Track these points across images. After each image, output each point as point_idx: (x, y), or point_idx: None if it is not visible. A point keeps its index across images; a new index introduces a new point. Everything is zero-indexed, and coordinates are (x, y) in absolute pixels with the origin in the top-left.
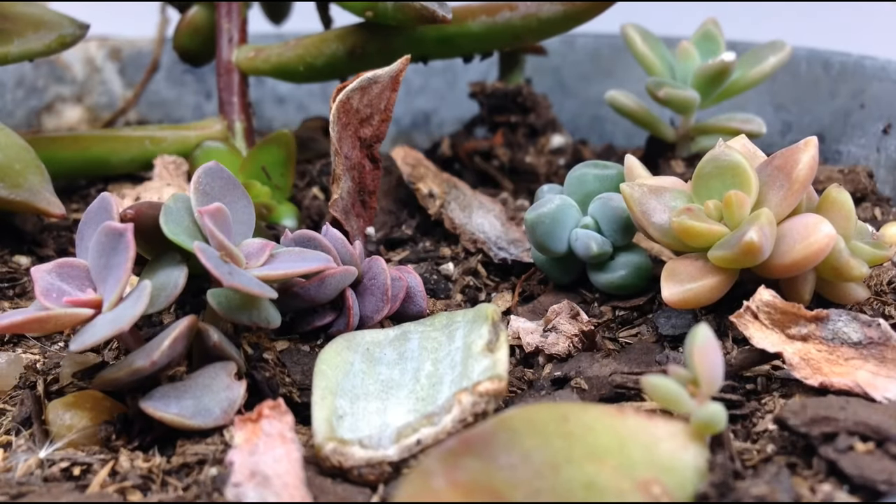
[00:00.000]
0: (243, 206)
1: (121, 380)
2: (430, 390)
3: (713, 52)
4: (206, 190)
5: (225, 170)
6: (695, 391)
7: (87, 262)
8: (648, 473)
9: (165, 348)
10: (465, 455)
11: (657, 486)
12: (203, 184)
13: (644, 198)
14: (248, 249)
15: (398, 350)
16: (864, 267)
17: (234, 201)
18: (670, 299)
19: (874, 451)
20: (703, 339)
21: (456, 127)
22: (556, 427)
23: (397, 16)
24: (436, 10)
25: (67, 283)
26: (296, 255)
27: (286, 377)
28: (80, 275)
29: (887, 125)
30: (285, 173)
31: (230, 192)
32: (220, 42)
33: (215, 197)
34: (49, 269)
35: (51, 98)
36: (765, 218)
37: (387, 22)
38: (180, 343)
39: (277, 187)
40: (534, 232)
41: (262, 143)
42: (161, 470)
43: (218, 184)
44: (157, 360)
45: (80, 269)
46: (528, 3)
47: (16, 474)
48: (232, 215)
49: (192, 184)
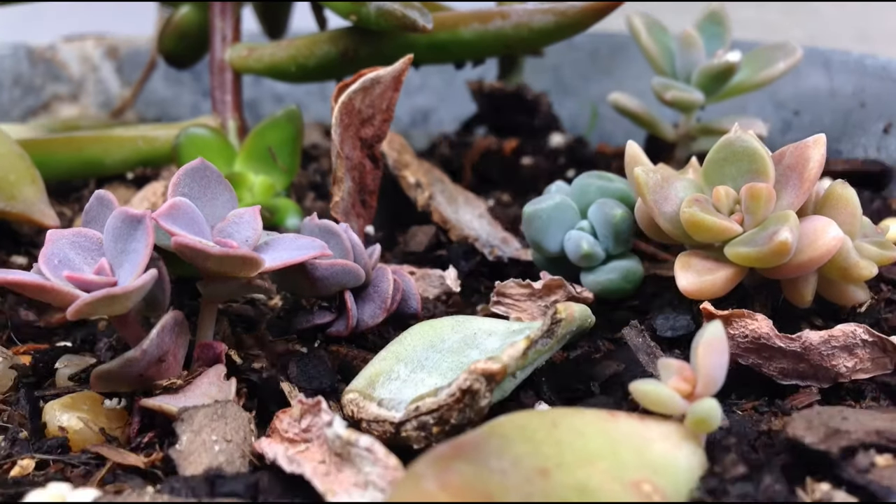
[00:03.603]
0: (225, 201)
1: (113, 371)
2: (456, 373)
3: (719, 36)
4: (185, 191)
5: (209, 165)
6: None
7: (101, 236)
8: (640, 474)
9: (154, 337)
10: (457, 459)
11: (648, 485)
12: (182, 185)
13: (658, 185)
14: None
15: (472, 342)
16: (872, 267)
17: (215, 197)
18: (688, 288)
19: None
20: (712, 335)
21: (455, 126)
22: (547, 434)
23: (380, 22)
24: (416, 20)
25: (77, 254)
26: (290, 242)
27: (286, 378)
28: (93, 247)
29: (887, 124)
30: (293, 152)
31: (210, 188)
32: (213, 41)
33: (193, 196)
34: (65, 236)
35: (48, 97)
36: (793, 220)
37: (370, 27)
38: (167, 334)
39: (284, 169)
40: (530, 226)
41: (269, 121)
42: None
43: (198, 184)
44: (146, 348)
45: (95, 242)
46: (521, 13)
47: (12, 474)
48: (213, 211)
49: (171, 187)
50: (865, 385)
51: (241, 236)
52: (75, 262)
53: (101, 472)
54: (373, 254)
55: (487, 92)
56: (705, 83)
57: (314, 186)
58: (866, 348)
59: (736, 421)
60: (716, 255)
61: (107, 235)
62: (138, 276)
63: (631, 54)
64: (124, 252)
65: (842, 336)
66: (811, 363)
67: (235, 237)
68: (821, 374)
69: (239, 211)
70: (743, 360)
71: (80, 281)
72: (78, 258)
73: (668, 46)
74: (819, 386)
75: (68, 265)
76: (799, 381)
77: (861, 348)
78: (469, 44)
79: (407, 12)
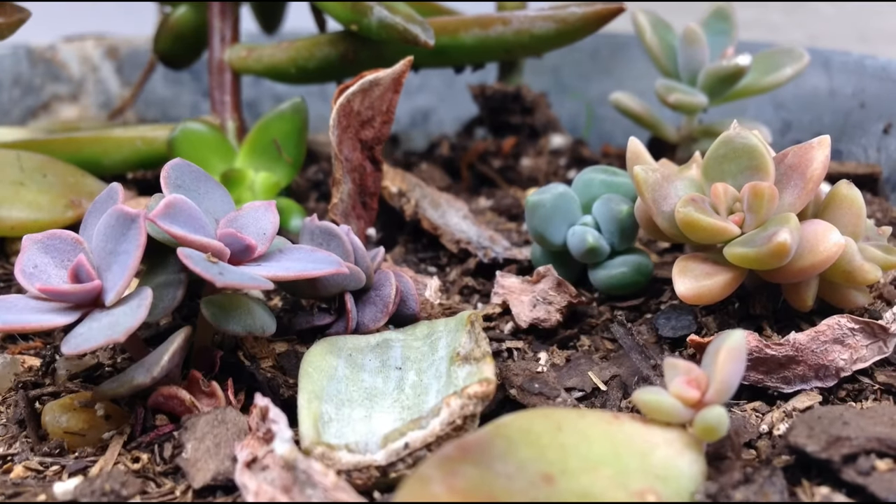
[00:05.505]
0: (220, 196)
1: (122, 395)
2: (415, 399)
3: (726, 33)
4: (178, 183)
5: (191, 163)
6: (695, 395)
7: (78, 236)
8: (643, 482)
9: (165, 363)
10: (463, 462)
11: (652, 495)
12: (173, 178)
13: (658, 185)
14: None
15: (380, 358)
16: (876, 271)
17: (209, 191)
18: (685, 294)
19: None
20: (735, 342)
21: (455, 126)
22: (551, 438)
23: (381, 34)
24: (418, 35)
25: (52, 258)
26: (306, 254)
27: (286, 379)
28: (67, 248)
29: (887, 125)
30: (299, 144)
31: (202, 182)
32: (212, 41)
33: (188, 190)
34: (38, 240)
35: (47, 97)
36: (794, 222)
37: (370, 37)
38: (178, 356)
39: (289, 162)
40: (533, 216)
41: (275, 114)
42: (157, 472)
43: (189, 178)
44: (156, 375)
45: (69, 242)
46: (522, 19)
47: (12, 476)
48: (209, 206)
49: (162, 180)
50: (866, 386)
51: (255, 229)
52: (49, 268)
53: (101, 472)
54: (375, 257)
55: (488, 94)
56: (711, 85)
57: (316, 186)
58: (856, 336)
59: (737, 422)
60: (715, 258)
61: (97, 233)
62: (127, 280)
63: (631, 54)
64: (114, 253)
65: (828, 330)
66: (809, 364)
67: (248, 230)
68: (822, 373)
69: (253, 203)
70: (746, 380)
71: (53, 292)
72: (52, 262)
73: (672, 45)
74: (823, 385)
75: (43, 272)
76: (803, 385)
77: (851, 337)
78: (470, 49)
79: (409, 27)
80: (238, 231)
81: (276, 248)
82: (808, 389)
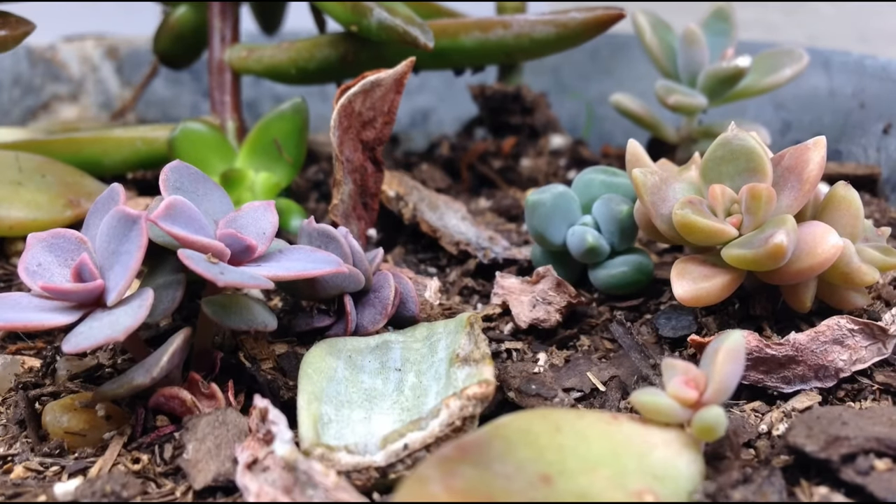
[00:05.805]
0: (219, 198)
1: (122, 396)
2: (415, 401)
3: (726, 33)
4: (177, 185)
5: (189, 165)
6: (693, 395)
7: (82, 235)
8: (641, 482)
9: (164, 364)
10: (462, 462)
11: (650, 495)
12: (172, 180)
13: (657, 187)
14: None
15: (380, 359)
16: (874, 273)
17: (208, 193)
18: (683, 297)
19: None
20: (734, 343)
21: (455, 126)
22: (550, 439)
23: (381, 35)
24: (418, 38)
25: (56, 256)
26: (306, 254)
27: (286, 381)
28: (71, 247)
29: (887, 125)
30: (300, 144)
31: (201, 183)
32: (212, 41)
33: (187, 191)
34: (42, 239)
35: (47, 97)
36: (790, 224)
37: (370, 38)
38: (178, 356)
39: (290, 161)
40: (533, 215)
41: (275, 114)
42: (157, 473)
43: (188, 179)
44: (156, 376)
45: (73, 241)
46: (523, 23)
47: (12, 476)
48: (208, 207)
49: (161, 182)
50: (865, 386)
51: (254, 229)
52: (52, 267)
53: (102, 472)
54: (374, 259)
55: (488, 94)
56: (711, 86)
57: (316, 186)
58: (855, 337)
59: (736, 422)
60: (713, 260)
61: (100, 234)
62: (129, 280)
63: (631, 54)
64: (116, 253)
65: (828, 330)
66: (808, 364)
67: (248, 230)
68: (821, 373)
69: (253, 203)
70: (745, 379)
71: (56, 291)
72: (55, 261)
73: (672, 45)
74: (823, 385)
75: (46, 270)
76: (803, 385)
77: (850, 338)
78: (470, 51)
79: (409, 29)
80: (238, 231)
81: (275, 248)
82: (808, 389)
